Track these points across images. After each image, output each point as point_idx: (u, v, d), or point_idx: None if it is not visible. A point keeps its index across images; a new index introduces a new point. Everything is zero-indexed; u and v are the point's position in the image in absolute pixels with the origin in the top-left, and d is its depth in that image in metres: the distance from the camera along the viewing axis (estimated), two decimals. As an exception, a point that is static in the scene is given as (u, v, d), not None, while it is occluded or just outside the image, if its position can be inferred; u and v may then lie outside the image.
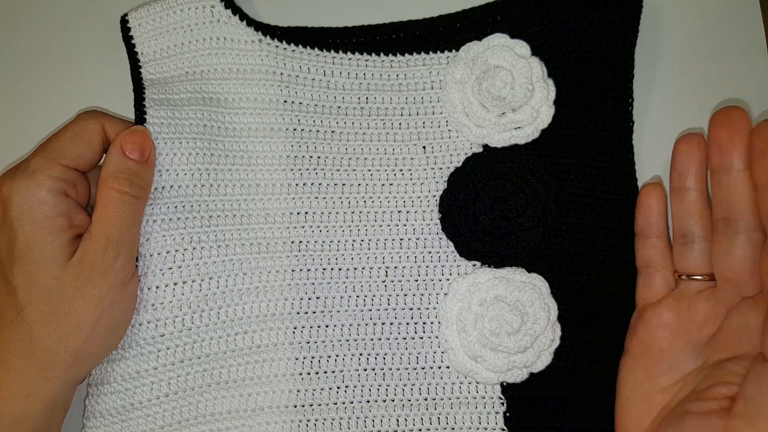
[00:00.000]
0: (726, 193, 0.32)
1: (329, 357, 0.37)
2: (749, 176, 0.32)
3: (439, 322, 0.37)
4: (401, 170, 0.38)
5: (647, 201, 0.36)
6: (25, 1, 0.44)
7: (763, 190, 0.31)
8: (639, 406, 0.34)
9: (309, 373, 0.36)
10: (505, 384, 0.36)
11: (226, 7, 0.39)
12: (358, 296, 0.37)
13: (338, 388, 0.37)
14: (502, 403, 0.36)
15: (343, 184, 0.38)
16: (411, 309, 0.37)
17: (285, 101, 0.38)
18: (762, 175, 0.31)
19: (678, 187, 0.35)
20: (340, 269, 0.37)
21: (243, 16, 0.39)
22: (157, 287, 0.35)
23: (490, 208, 0.37)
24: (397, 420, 0.36)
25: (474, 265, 0.37)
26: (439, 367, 0.37)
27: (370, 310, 0.37)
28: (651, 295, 0.36)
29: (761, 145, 0.30)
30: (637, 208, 0.37)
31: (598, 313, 0.36)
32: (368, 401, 0.37)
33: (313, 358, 0.37)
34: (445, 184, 0.38)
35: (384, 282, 0.37)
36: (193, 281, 0.36)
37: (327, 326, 0.37)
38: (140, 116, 0.36)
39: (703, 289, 0.34)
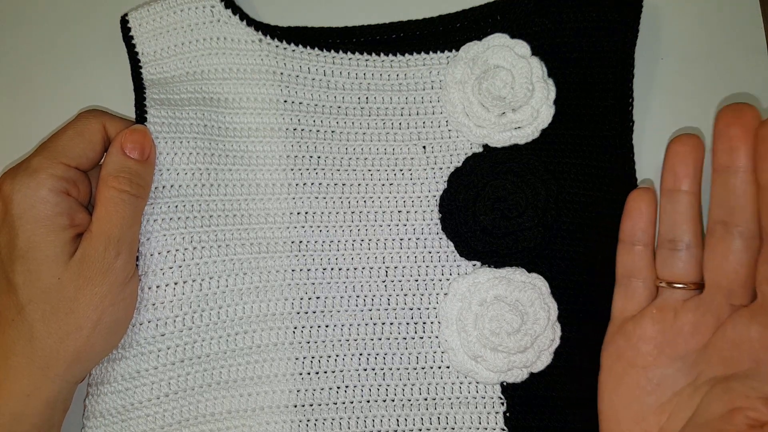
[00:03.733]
0: (731, 195, 0.31)
1: (329, 357, 0.37)
2: (754, 179, 0.30)
3: (439, 322, 0.37)
4: (401, 170, 0.38)
5: (638, 206, 0.34)
6: (25, 1, 0.44)
7: (766, 191, 0.29)
8: (633, 430, 0.33)
9: (309, 373, 0.36)
10: (505, 384, 0.36)
11: (226, 6, 0.39)
12: (358, 296, 0.37)
13: (338, 388, 0.37)
14: (502, 403, 0.36)
15: (343, 184, 0.38)
16: (411, 309, 0.37)
17: (285, 101, 0.38)
18: (766, 176, 0.29)
19: (672, 189, 0.33)
20: (340, 269, 0.37)
21: (243, 16, 0.39)
22: (157, 286, 0.35)
23: (490, 208, 0.37)
24: (397, 420, 0.36)
25: (474, 265, 0.37)
26: (439, 367, 0.37)
27: (370, 310, 0.37)
28: (632, 306, 0.34)
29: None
30: (625, 212, 0.35)
31: (598, 313, 0.36)
32: (368, 401, 0.37)
33: (313, 358, 0.37)
34: (445, 184, 0.38)
35: (384, 282, 0.37)
36: (193, 281, 0.36)
37: (327, 326, 0.37)
38: (141, 116, 0.36)
39: (689, 297, 0.32)
